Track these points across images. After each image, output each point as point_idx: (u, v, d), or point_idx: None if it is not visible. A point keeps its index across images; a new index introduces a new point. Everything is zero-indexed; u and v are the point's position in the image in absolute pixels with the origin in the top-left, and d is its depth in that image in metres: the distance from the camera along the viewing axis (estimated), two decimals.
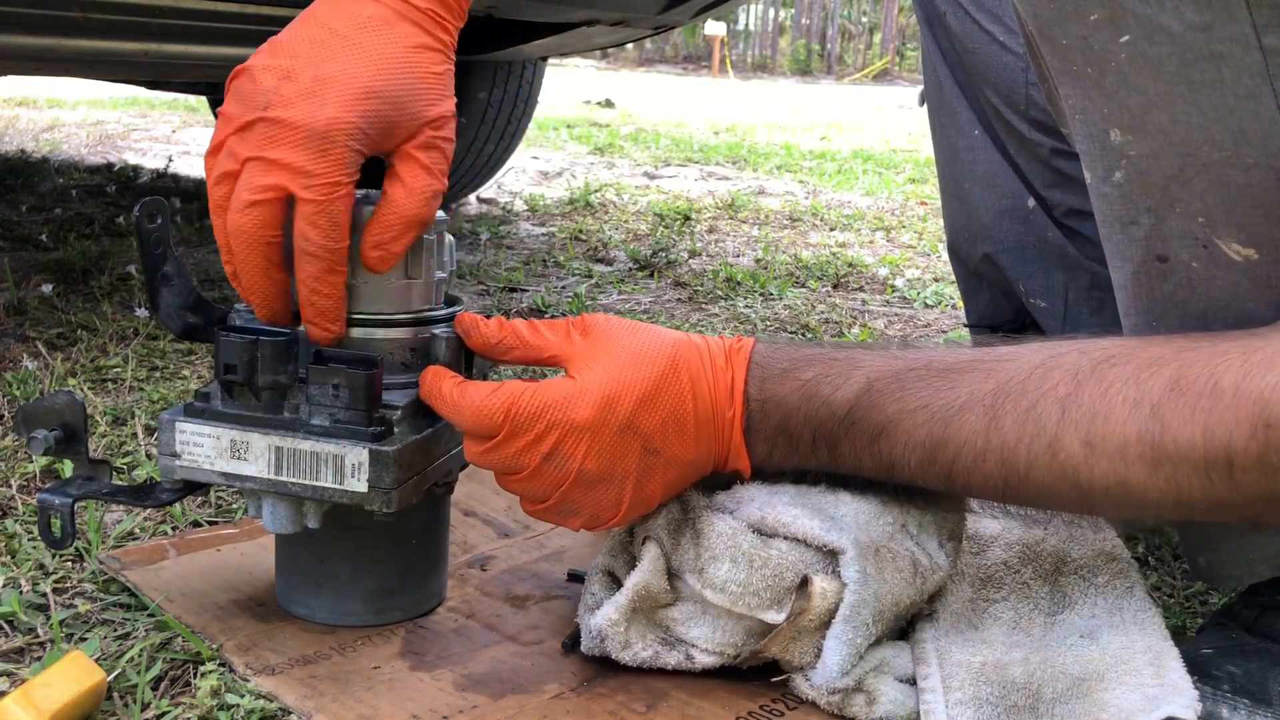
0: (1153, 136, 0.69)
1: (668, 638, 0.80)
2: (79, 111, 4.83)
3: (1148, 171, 0.70)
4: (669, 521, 0.79)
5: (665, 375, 0.76)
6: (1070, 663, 0.76)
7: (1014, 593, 0.85)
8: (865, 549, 0.76)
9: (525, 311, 1.88)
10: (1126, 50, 0.67)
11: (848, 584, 0.75)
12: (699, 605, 0.79)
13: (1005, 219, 1.23)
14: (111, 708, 0.73)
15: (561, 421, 0.74)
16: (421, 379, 0.78)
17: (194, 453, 0.78)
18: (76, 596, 0.87)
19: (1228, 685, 0.76)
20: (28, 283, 1.77)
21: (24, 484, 1.06)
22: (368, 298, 0.80)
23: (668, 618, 0.80)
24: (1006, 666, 0.75)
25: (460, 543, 0.99)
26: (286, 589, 0.85)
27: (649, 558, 0.78)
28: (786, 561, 0.76)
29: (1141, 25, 0.66)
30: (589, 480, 0.76)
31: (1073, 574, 0.86)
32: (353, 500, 0.75)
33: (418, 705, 0.74)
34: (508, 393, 0.75)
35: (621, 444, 0.75)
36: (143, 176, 3.10)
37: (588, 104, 7.18)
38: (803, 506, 0.77)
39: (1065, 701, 0.74)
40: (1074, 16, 0.69)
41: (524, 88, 2.64)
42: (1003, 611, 0.83)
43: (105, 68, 2.05)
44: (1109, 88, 0.69)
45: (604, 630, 0.79)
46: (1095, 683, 0.75)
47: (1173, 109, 0.67)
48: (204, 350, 1.49)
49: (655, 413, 0.75)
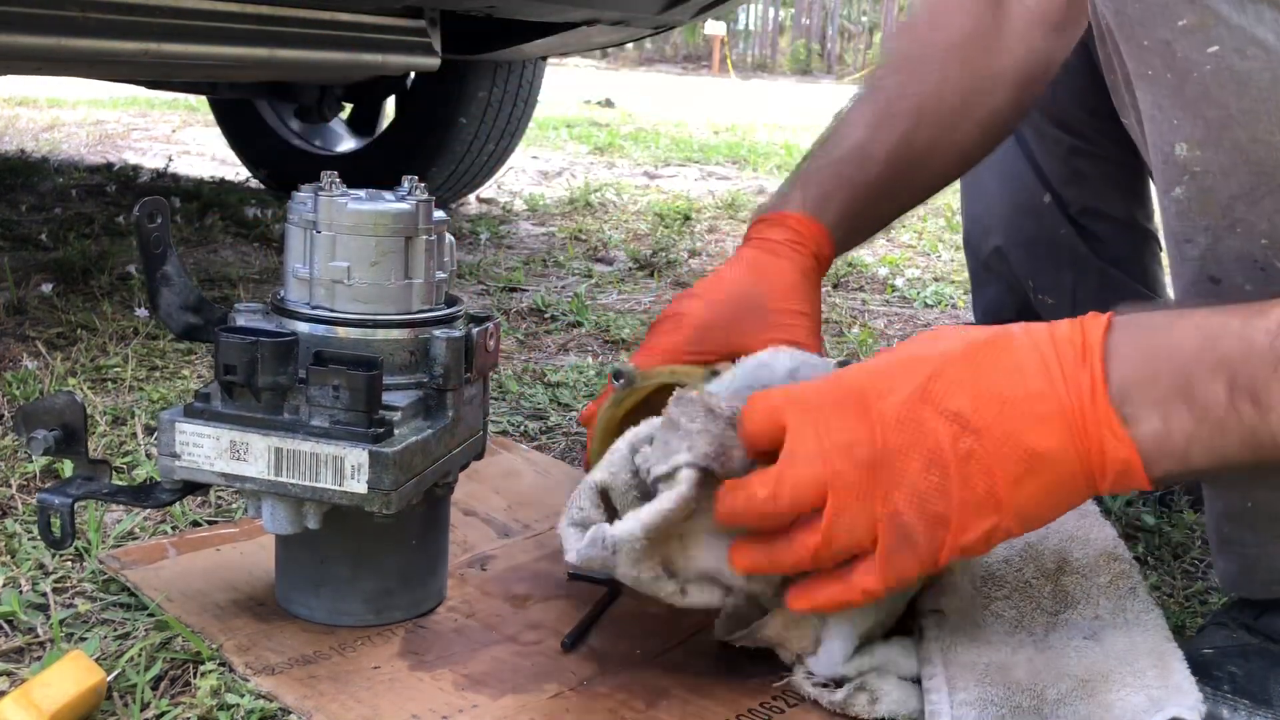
0: (1227, 153, 0.67)
1: (668, 567, 0.76)
2: (79, 111, 4.83)
3: (1212, 189, 0.68)
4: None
5: (970, 343, 0.65)
6: (1074, 664, 0.76)
7: (1016, 590, 0.85)
8: None
9: (525, 311, 1.88)
10: (1213, 61, 0.65)
11: None
12: (707, 538, 0.75)
13: (1019, 213, 1.24)
14: (111, 708, 0.73)
15: (829, 408, 0.66)
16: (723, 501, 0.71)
17: (194, 453, 0.77)
18: (76, 596, 0.87)
19: (1228, 686, 0.76)
20: (27, 282, 1.77)
21: (24, 484, 1.06)
22: (368, 298, 0.80)
23: (672, 547, 0.76)
24: (1011, 668, 0.75)
25: (460, 543, 0.99)
26: (286, 589, 0.85)
27: (689, 483, 0.72)
28: None
29: (1234, 36, 0.64)
30: (895, 473, 0.66)
31: (1075, 573, 0.86)
32: (352, 501, 0.75)
33: (417, 705, 0.74)
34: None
35: (914, 421, 0.65)
36: (142, 176, 3.10)
37: (588, 103, 7.18)
38: None
39: (1069, 703, 0.74)
40: (1161, 19, 0.66)
41: (524, 87, 2.64)
42: (1004, 609, 0.83)
43: (105, 68, 2.05)
44: (1188, 97, 0.67)
45: (621, 544, 0.72)
46: (1099, 684, 0.75)
47: (1254, 127, 0.65)
48: (204, 350, 1.49)
49: (951, 370, 0.64)
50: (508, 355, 1.62)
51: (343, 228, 0.79)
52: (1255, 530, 0.79)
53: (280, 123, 2.85)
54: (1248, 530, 0.79)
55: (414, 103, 2.67)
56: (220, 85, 2.59)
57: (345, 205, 0.79)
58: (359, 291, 0.80)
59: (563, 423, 1.34)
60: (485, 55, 2.36)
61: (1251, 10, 0.63)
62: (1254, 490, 0.78)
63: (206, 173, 3.20)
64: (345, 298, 0.80)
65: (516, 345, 1.68)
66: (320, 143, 2.89)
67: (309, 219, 0.81)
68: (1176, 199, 0.71)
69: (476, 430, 0.87)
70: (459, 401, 0.82)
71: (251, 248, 2.27)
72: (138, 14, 1.60)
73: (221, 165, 3.36)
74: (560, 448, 1.26)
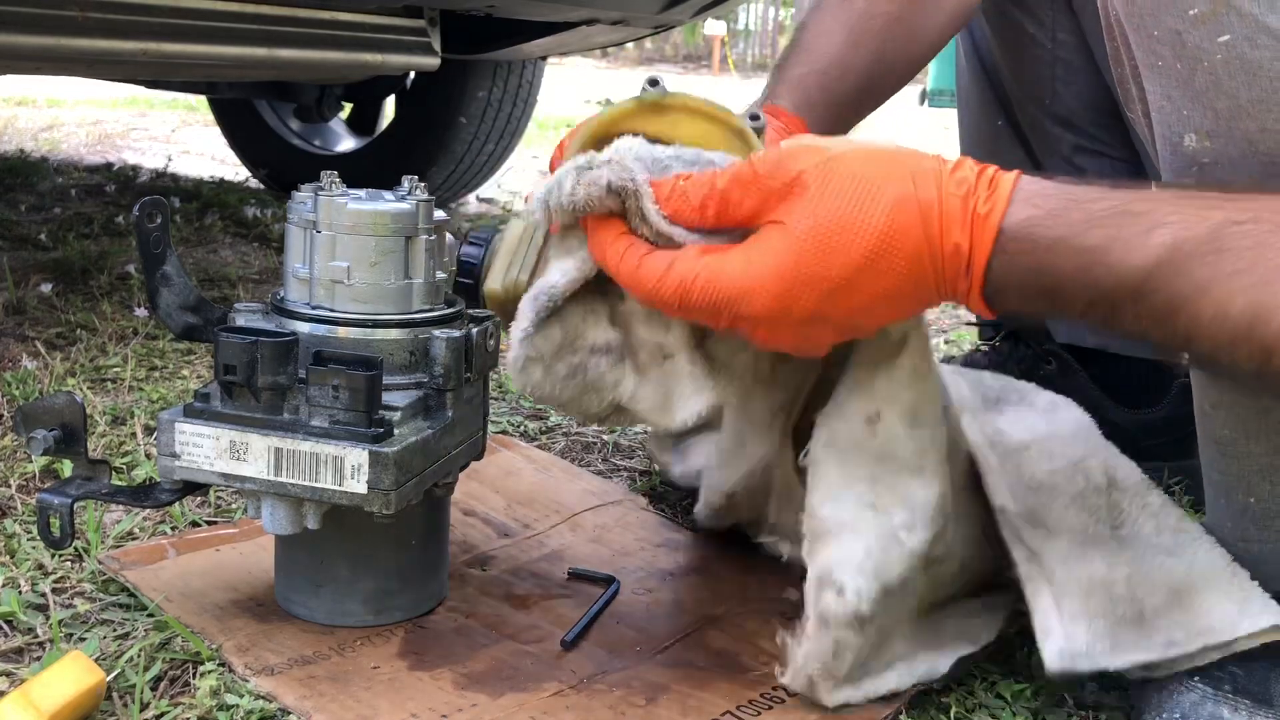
0: (1236, 144, 0.66)
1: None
2: (78, 111, 4.83)
3: (1222, 180, 0.68)
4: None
5: (866, 263, 0.66)
6: (1161, 575, 0.77)
7: (1074, 502, 0.83)
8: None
9: None
10: (1224, 51, 0.64)
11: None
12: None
13: None
14: (111, 708, 0.73)
15: (734, 314, 0.69)
16: (595, 233, 0.73)
17: (193, 453, 0.77)
18: (76, 596, 0.87)
19: (1229, 686, 0.76)
20: (27, 282, 1.77)
21: (23, 484, 1.06)
22: (367, 298, 0.80)
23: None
24: (1111, 583, 0.76)
25: (460, 543, 0.99)
26: (286, 589, 0.85)
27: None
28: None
29: (1246, 25, 0.63)
30: (779, 348, 0.72)
31: (1125, 491, 0.85)
32: (352, 501, 0.75)
33: (417, 705, 0.74)
34: (679, 276, 0.69)
35: (806, 329, 0.69)
36: (142, 176, 3.10)
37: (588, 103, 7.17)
38: None
39: (1167, 613, 0.75)
40: (1172, 9, 0.66)
41: (524, 87, 2.64)
42: (1068, 518, 0.82)
43: (105, 67, 2.05)
44: (1197, 88, 0.67)
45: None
46: (1189, 594, 0.76)
47: (1264, 117, 0.65)
48: (204, 350, 1.48)
49: (849, 300, 0.67)
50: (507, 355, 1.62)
51: (342, 228, 0.79)
52: (1260, 527, 0.79)
53: (280, 122, 2.85)
54: (1251, 528, 0.79)
55: (414, 103, 2.67)
56: (220, 85, 2.59)
57: (345, 205, 0.79)
58: (359, 291, 0.80)
59: (562, 423, 1.34)
60: (485, 55, 2.36)
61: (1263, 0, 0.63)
62: (1258, 488, 0.78)
63: (206, 172, 3.20)
64: (345, 298, 0.80)
65: None
66: (320, 142, 2.89)
67: (309, 219, 0.81)
68: None
69: (476, 430, 0.87)
70: (459, 401, 0.82)
71: (251, 248, 2.27)
72: (137, 14, 1.60)
73: (221, 165, 3.36)
74: (560, 447, 1.26)
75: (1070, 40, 1.17)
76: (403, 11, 1.98)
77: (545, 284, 0.75)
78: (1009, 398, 0.96)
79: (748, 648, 0.84)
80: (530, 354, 0.75)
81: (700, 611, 0.90)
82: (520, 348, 0.75)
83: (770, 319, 0.68)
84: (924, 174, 0.67)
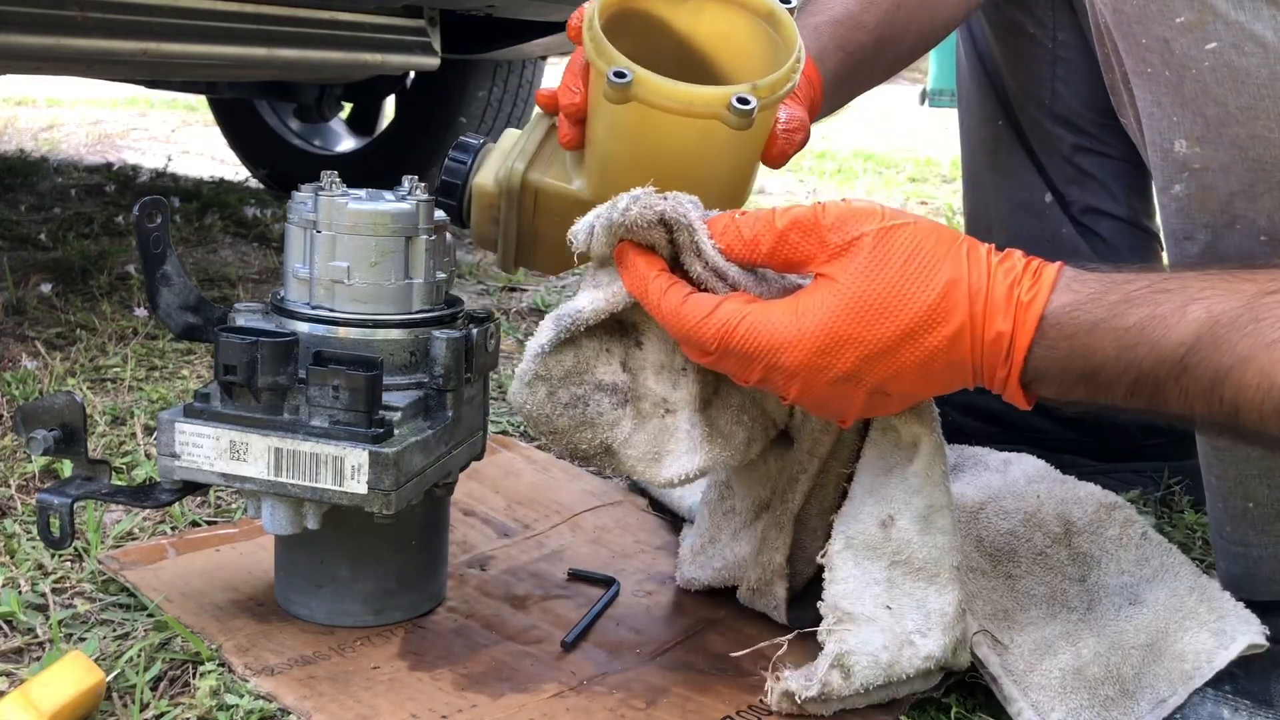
0: (1225, 150, 0.67)
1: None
2: (78, 111, 4.83)
3: (1212, 186, 0.68)
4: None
5: (909, 334, 0.67)
6: (1132, 634, 0.78)
7: (1035, 563, 0.84)
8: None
9: (525, 311, 1.88)
10: (1211, 58, 0.65)
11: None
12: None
13: (1020, 212, 1.24)
14: (111, 708, 0.73)
15: (771, 363, 0.69)
16: (634, 266, 0.74)
17: (193, 453, 0.77)
18: (75, 596, 0.87)
19: (1229, 686, 0.76)
20: (27, 282, 1.77)
21: (23, 484, 1.06)
22: (368, 298, 0.80)
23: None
24: (1082, 667, 0.76)
25: (460, 543, 0.98)
26: (286, 589, 0.85)
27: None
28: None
29: (1232, 33, 0.64)
30: (805, 405, 0.73)
31: (1083, 533, 0.86)
32: (352, 502, 0.75)
33: (417, 705, 0.74)
34: (722, 320, 0.70)
35: (839, 387, 0.70)
36: (142, 176, 3.10)
37: None
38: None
39: (1147, 670, 0.76)
40: (1159, 17, 0.67)
41: (524, 87, 2.64)
42: (1033, 587, 0.83)
43: (105, 67, 2.05)
44: (1186, 95, 0.67)
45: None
46: (1164, 640, 0.77)
47: (1253, 123, 0.65)
48: (204, 350, 1.48)
49: (886, 366, 0.68)
50: (508, 355, 1.62)
51: (343, 228, 0.79)
52: (1258, 531, 0.79)
53: (280, 122, 2.85)
54: (1250, 532, 0.79)
55: (414, 102, 2.67)
56: (220, 85, 2.59)
57: (345, 205, 0.79)
58: (359, 291, 0.80)
59: None
60: (485, 55, 2.36)
61: (1249, 7, 0.63)
62: (1256, 491, 0.78)
63: (206, 172, 3.20)
64: (345, 298, 0.80)
65: (516, 345, 1.68)
66: (320, 142, 2.89)
67: (309, 219, 0.81)
68: (1176, 196, 0.71)
69: (476, 430, 0.87)
70: (459, 402, 0.82)
71: (251, 247, 2.27)
72: (137, 14, 1.60)
73: (221, 165, 3.35)
74: None
75: (1070, 40, 1.17)
76: (403, 11, 1.98)
77: (571, 307, 0.76)
78: (964, 465, 0.99)
79: (748, 654, 0.84)
80: (540, 371, 0.75)
81: (700, 614, 0.90)
82: (532, 362, 0.75)
83: (807, 373, 0.69)
84: (978, 260, 0.68)
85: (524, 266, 0.89)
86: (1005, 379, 0.68)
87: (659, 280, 0.72)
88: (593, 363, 0.76)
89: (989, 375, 0.68)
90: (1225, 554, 0.82)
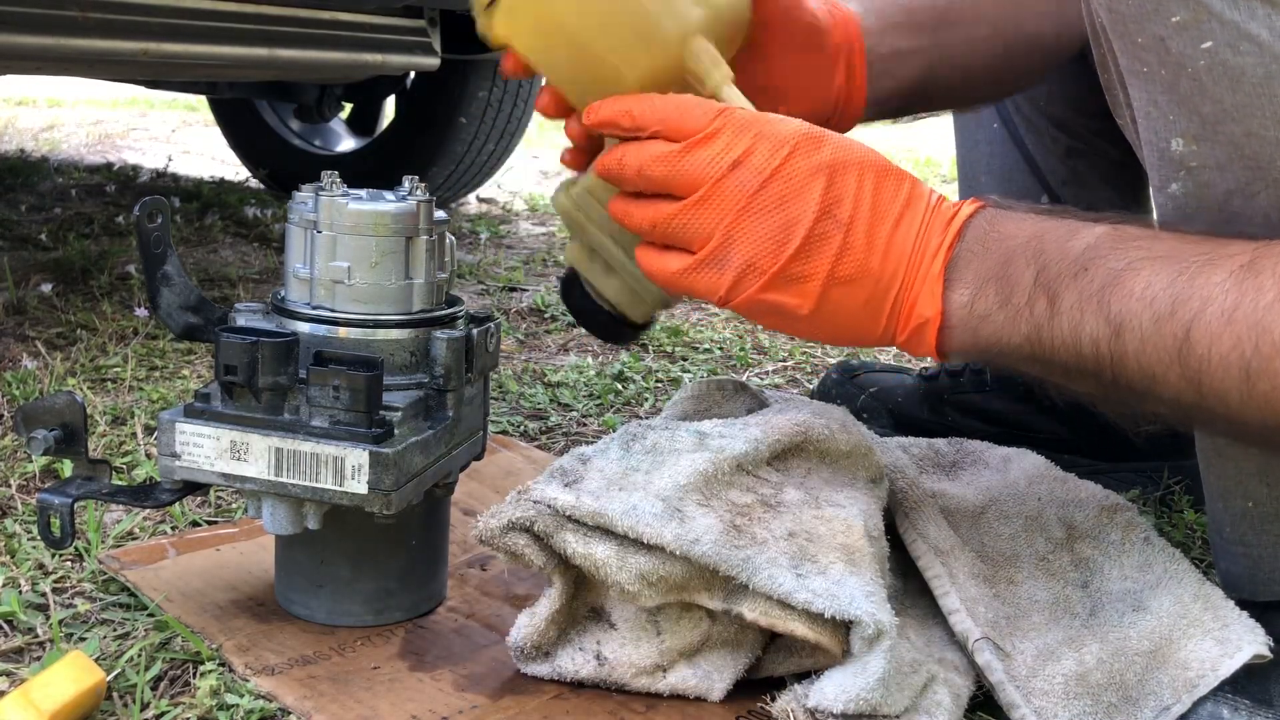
0: (1222, 148, 0.67)
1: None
2: (78, 111, 4.83)
3: (1209, 184, 0.68)
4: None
5: (885, 168, 0.73)
6: (1135, 641, 0.77)
7: (1037, 568, 0.84)
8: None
9: (525, 311, 1.88)
10: (1207, 57, 0.65)
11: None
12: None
13: None
14: (111, 708, 0.73)
15: (769, 133, 0.71)
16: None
17: (194, 453, 0.77)
18: (76, 596, 0.87)
19: (1229, 686, 0.76)
20: (27, 282, 1.77)
21: (24, 484, 1.06)
22: (368, 298, 0.80)
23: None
24: (1085, 673, 0.76)
25: (460, 543, 0.99)
26: (286, 589, 0.85)
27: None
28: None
29: (1227, 31, 0.64)
30: (762, 207, 0.71)
31: (1085, 538, 0.85)
32: (353, 502, 0.75)
33: (417, 705, 0.74)
34: (720, 107, 0.73)
35: (809, 184, 0.71)
36: (142, 176, 3.10)
37: None
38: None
39: (1151, 676, 0.75)
40: (1154, 16, 0.67)
41: (524, 87, 2.64)
42: (1036, 592, 0.83)
43: (105, 67, 2.05)
44: (1182, 93, 0.67)
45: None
46: (1168, 647, 0.76)
47: (1249, 121, 0.65)
48: (204, 350, 1.49)
49: (861, 179, 0.71)
50: (508, 355, 1.62)
51: (343, 228, 0.79)
52: (1257, 531, 0.79)
53: (280, 123, 2.85)
54: (1250, 531, 0.79)
55: (414, 103, 2.67)
56: (220, 85, 2.59)
57: (346, 205, 0.79)
58: (359, 291, 0.80)
59: (563, 422, 1.34)
60: (485, 55, 2.36)
61: (1244, 6, 0.63)
62: (1255, 491, 0.78)
63: (206, 173, 3.20)
64: (346, 298, 0.80)
65: (516, 345, 1.68)
66: (320, 142, 2.89)
67: (309, 219, 0.81)
68: (1173, 195, 0.71)
69: (476, 430, 0.87)
70: (459, 402, 0.82)
71: (251, 248, 2.27)
72: (137, 14, 1.60)
73: (221, 165, 3.36)
74: (560, 447, 1.26)
75: None
76: (403, 11, 1.98)
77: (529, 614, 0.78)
78: (964, 461, 0.98)
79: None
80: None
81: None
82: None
83: (796, 145, 0.72)
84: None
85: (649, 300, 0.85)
86: (937, 250, 0.71)
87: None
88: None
89: (921, 245, 0.71)
90: (1225, 554, 0.82)
